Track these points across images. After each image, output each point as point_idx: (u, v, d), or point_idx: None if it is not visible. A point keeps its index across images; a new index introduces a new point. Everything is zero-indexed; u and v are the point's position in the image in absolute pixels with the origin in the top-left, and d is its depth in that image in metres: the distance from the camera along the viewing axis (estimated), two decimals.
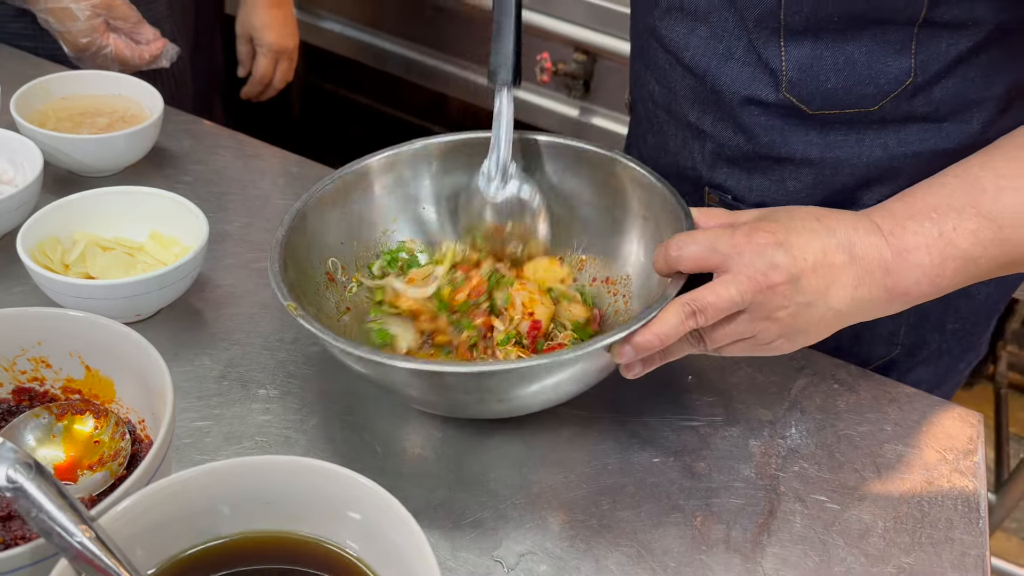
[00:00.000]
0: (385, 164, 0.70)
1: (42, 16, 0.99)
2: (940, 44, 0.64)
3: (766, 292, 0.54)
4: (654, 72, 0.78)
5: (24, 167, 0.75)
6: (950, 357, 0.89)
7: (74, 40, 0.99)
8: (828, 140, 0.71)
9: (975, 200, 0.56)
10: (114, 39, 1.01)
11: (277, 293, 0.57)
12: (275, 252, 0.59)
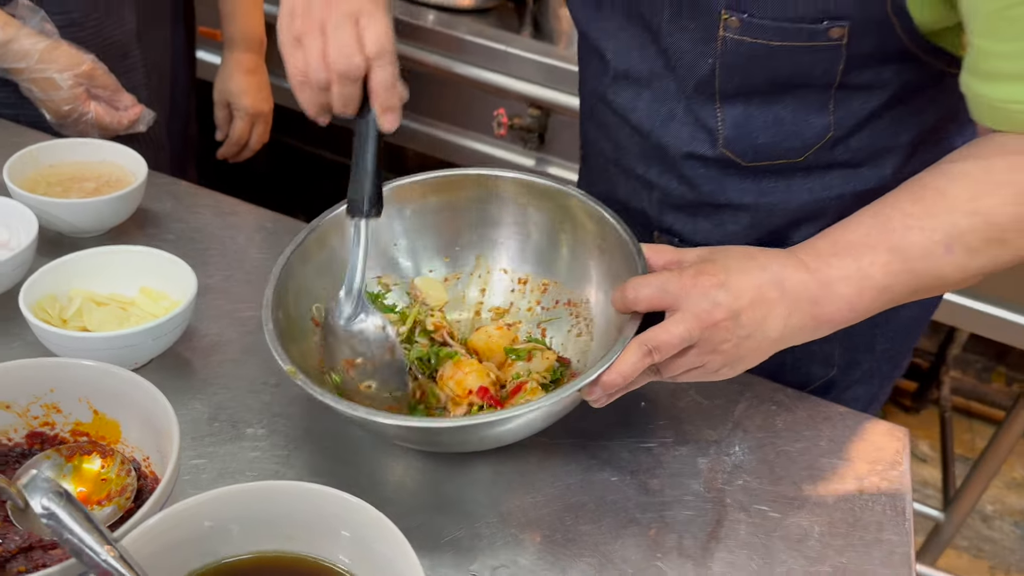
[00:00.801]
0: None
1: (25, 85, 1.05)
2: (854, 103, 0.73)
3: (711, 328, 0.62)
4: (604, 131, 0.86)
5: (19, 230, 0.80)
6: (881, 376, 0.97)
7: (56, 108, 1.05)
8: (761, 187, 0.79)
9: (886, 238, 0.64)
10: (94, 106, 1.07)
11: (278, 359, 0.62)
12: (267, 312, 0.65)
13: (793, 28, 0.65)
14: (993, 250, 0.64)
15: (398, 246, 0.80)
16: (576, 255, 0.78)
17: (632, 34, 0.77)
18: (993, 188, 0.64)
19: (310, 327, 0.72)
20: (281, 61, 0.68)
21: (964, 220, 0.63)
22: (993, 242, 0.64)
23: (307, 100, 0.67)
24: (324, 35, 0.65)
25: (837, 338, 0.89)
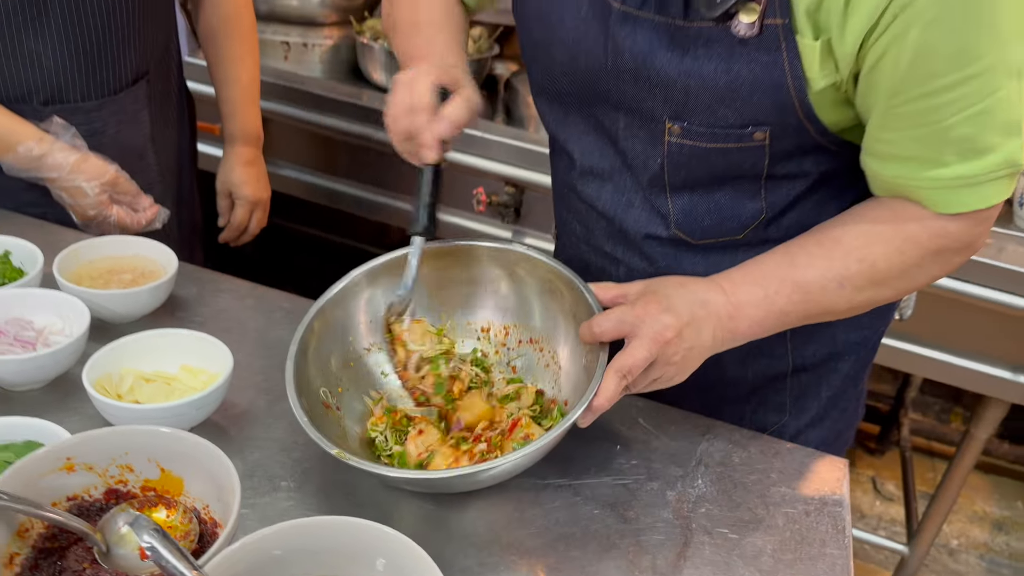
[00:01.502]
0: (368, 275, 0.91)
1: (56, 191, 1.17)
2: (782, 190, 0.88)
3: (664, 345, 0.77)
4: (575, 215, 1.01)
5: (71, 319, 0.92)
6: (831, 420, 1.10)
7: (83, 212, 1.17)
8: (710, 261, 0.94)
9: (791, 272, 0.81)
10: (116, 209, 1.18)
11: (321, 444, 0.75)
12: (294, 399, 0.78)
13: (723, 133, 0.80)
14: (875, 290, 0.82)
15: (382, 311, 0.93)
16: (537, 301, 0.92)
17: (594, 138, 0.92)
18: (879, 241, 0.81)
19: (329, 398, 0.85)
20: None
21: (855, 265, 0.80)
22: (876, 284, 0.81)
23: (408, 156, 0.88)
24: (414, 86, 0.85)
25: (787, 388, 1.04)
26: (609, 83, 0.84)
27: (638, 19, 0.80)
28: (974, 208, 0.79)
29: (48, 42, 1.13)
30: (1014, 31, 0.71)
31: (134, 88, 1.25)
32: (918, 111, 0.75)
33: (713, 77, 0.77)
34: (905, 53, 0.71)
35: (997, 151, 0.76)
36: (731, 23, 0.74)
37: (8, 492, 0.62)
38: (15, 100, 1.15)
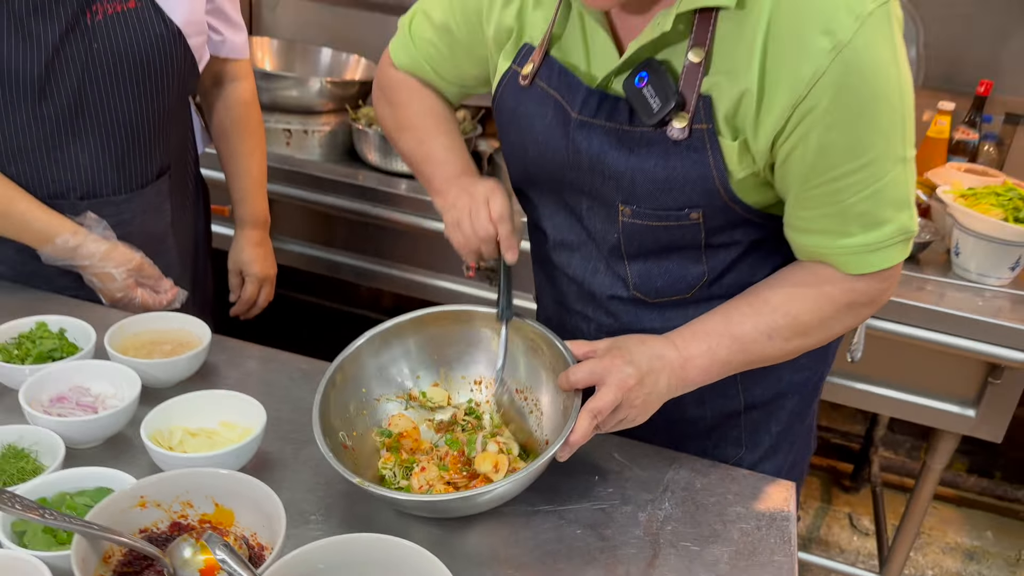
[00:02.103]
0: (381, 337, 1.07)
1: (88, 277, 1.32)
2: (719, 256, 1.05)
3: (628, 391, 0.93)
4: (550, 281, 1.18)
5: (121, 385, 1.07)
6: (783, 452, 1.26)
7: (111, 294, 1.33)
8: (665, 316, 1.10)
9: (729, 328, 0.99)
10: (140, 292, 1.34)
11: (345, 474, 0.90)
12: (320, 438, 0.93)
13: (665, 214, 0.98)
14: (800, 339, 0.99)
15: (400, 370, 1.09)
16: (522, 357, 1.08)
17: (563, 217, 1.10)
18: (801, 299, 0.98)
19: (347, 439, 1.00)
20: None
21: (781, 319, 0.97)
22: (800, 334, 0.98)
23: (468, 257, 1.10)
24: (471, 218, 1.04)
25: (741, 425, 1.20)
26: (572, 175, 1.02)
27: (592, 126, 0.98)
28: (878, 269, 0.96)
29: (85, 146, 1.30)
30: (894, 129, 0.89)
31: (158, 182, 1.42)
32: (824, 194, 0.92)
33: (654, 171, 0.95)
34: (809, 150, 0.89)
35: (892, 222, 0.94)
36: (666, 128, 0.92)
37: (98, 523, 0.76)
38: (54, 196, 1.30)
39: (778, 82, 0.87)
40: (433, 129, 1.19)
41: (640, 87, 0.93)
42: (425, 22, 1.18)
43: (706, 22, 0.89)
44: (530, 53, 1.04)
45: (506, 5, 1.06)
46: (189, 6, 1.30)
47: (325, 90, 2.18)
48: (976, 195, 1.83)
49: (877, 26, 0.84)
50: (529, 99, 1.04)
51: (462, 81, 1.21)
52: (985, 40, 2.26)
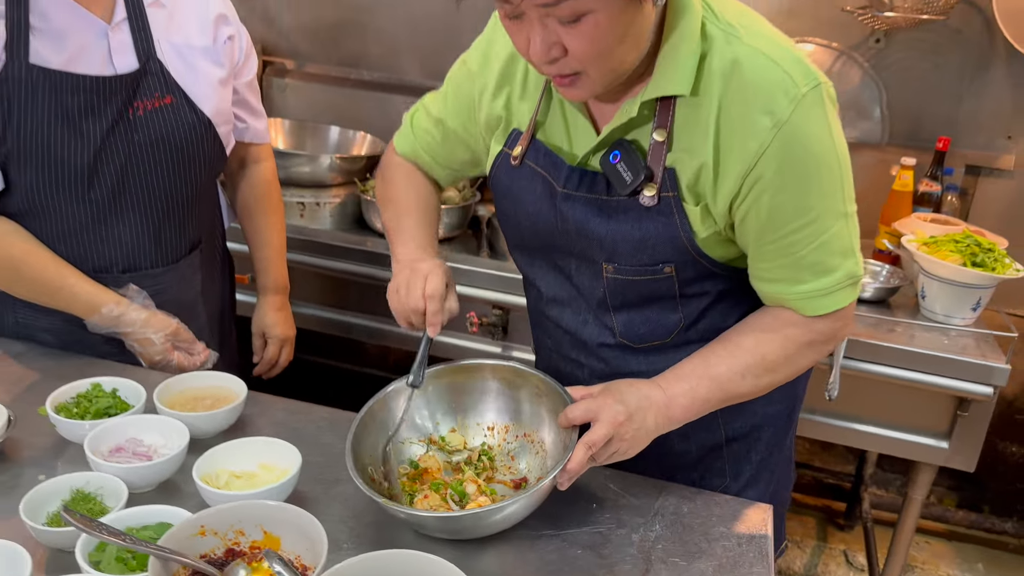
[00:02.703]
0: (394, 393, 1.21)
1: (129, 343, 1.46)
2: (692, 304, 1.20)
3: (618, 427, 1.06)
4: (546, 332, 1.33)
5: (170, 436, 1.20)
6: (763, 481, 1.39)
7: (150, 357, 1.47)
8: (649, 360, 1.25)
9: (706, 371, 1.12)
10: (176, 354, 1.49)
11: (375, 498, 1.03)
12: (353, 472, 1.06)
13: (643, 269, 1.13)
14: (770, 376, 1.13)
15: (421, 415, 1.23)
16: (527, 403, 1.22)
17: (554, 276, 1.26)
18: (767, 341, 1.13)
19: (375, 473, 1.13)
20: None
21: (751, 359, 1.11)
22: (769, 371, 1.12)
23: (401, 321, 1.23)
24: (407, 289, 1.19)
25: (724, 456, 1.33)
26: (561, 240, 1.18)
27: (576, 197, 1.14)
28: (831, 310, 1.12)
29: (127, 225, 1.45)
30: (833, 190, 1.05)
31: (190, 255, 1.58)
32: (779, 248, 1.08)
33: (631, 233, 1.11)
34: (762, 212, 1.06)
35: (840, 269, 1.09)
36: (639, 197, 1.09)
37: (168, 547, 0.90)
38: (99, 271, 1.45)
39: (730, 156, 1.04)
40: (411, 207, 1.36)
41: (614, 163, 1.10)
42: (424, 115, 1.37)
43: (667, 108, 1.06)
44: (519, 137, 1.21)
45: (495, 98, 1.23)
46: (218, 99, 1.47)
47: (334, 165, 2.36)
48: (937, 243, 1.99)
49: (810, 106, 1.01)
50: (520, 176, 1.21)
51: (453, 165, 1.39)
52: (942, 100, 2.45)
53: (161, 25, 1.41)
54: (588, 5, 0.92)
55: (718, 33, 1.03)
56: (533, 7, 0.93)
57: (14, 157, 1.33)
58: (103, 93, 1.34)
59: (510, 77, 1.22)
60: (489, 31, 1.26)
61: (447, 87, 1.33)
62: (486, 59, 1.24)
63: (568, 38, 0.95)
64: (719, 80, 1.03)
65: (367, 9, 2.77)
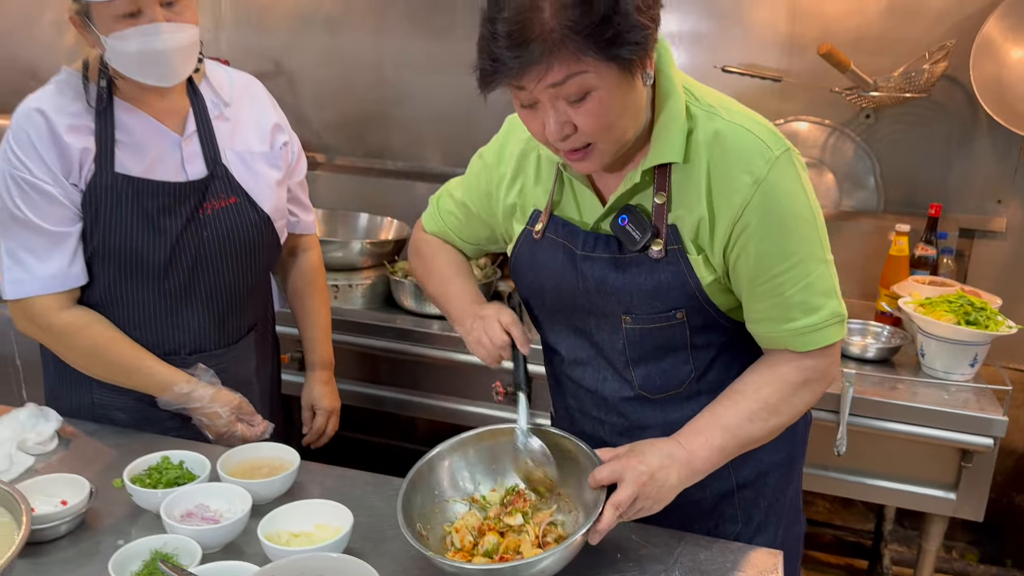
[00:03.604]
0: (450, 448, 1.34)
1: (197, 417, 1.62)
2: (701, 355, 1.35)
3: (642, 486, 1.18)
4: (568, 393, 1.47)
5: (234, 502, 1.34)
6: (773, 526, 1.50)
7: (217, 430, 1.62)
8: (664, 410, 1.38)
9: (717, 422, 1.26)
10: (240, 426, 1.64)
11: (423, 552, 1.15)
12: (404, 528, 1.19)
13: (658, 316, 1.28)
14: (776, 418, 1.27)
15: (463, 476, 1.36)
16: (560, 464, 1.33)
17: (574, 339, 1.41)
18: (765, 384, 1.27)
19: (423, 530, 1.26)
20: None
21: (755, 405, 1.25)
22: (773, 414, 1.26)
23: (492, 364, 1.39)
24: (487, 333, 1.35)
25: (735, 503, 1.45)
26: (582, 299, 1.34)
27: (593, 258, 1.31)
28: (820, 346, 1.26)
29: (195, 312, 1.62)
30: (811, 238, 1.23)
31: (247, 337, 1.74)
32: (768, 289, 1.24)
33: (644, 283, 1.27)
34: (750, 258, 1.22)
35: (825, 307, 1.25)
36: (648, 252, 1.26)
37: None
38: (169, 353, 1.62)
39: (721, 210, 1.21)
40: (453, 275, 1.54)
41: (623, 225, 1.27)
42: (449, 199, 1.57)
43: (663, 174, 1.25)
44: (538, 216, 1.39)
45: (511, 187, 1.42)
46: (275, 198, 1.66)
47: (365, 249, 2.53)
48: (932, 304, 2.12)
49: (784, 165, 1.20)
50: (542, 248, 1.38)
51: (477, 241, 1.58)
52: (933, 168, 2.61)
53: (226, 135, 1.61)
54: (591, 82, 1.08)
55: (700, 112, 1.23)
56: (544, 90, 1.10)
57: (99, 254, 1.51)
58: (178, 196, 1.53)
59: (524, 168, 1.41)
60: (503, 133, 1.47)
61: (468, 176, 1.53)
62: (502, 155, 1.44)
63: (577, 116, 1.12)
64: (705, 149, 1.21)
65: (390, 103, 3.00)
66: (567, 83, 1.08)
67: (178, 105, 1.58)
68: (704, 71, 2.68)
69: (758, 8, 2.65)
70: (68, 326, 1.54)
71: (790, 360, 1.27)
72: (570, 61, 1.06)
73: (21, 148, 1.47)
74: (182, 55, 1.47)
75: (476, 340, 1.39)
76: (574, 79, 1.07)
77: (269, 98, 1.74)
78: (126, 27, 1.41)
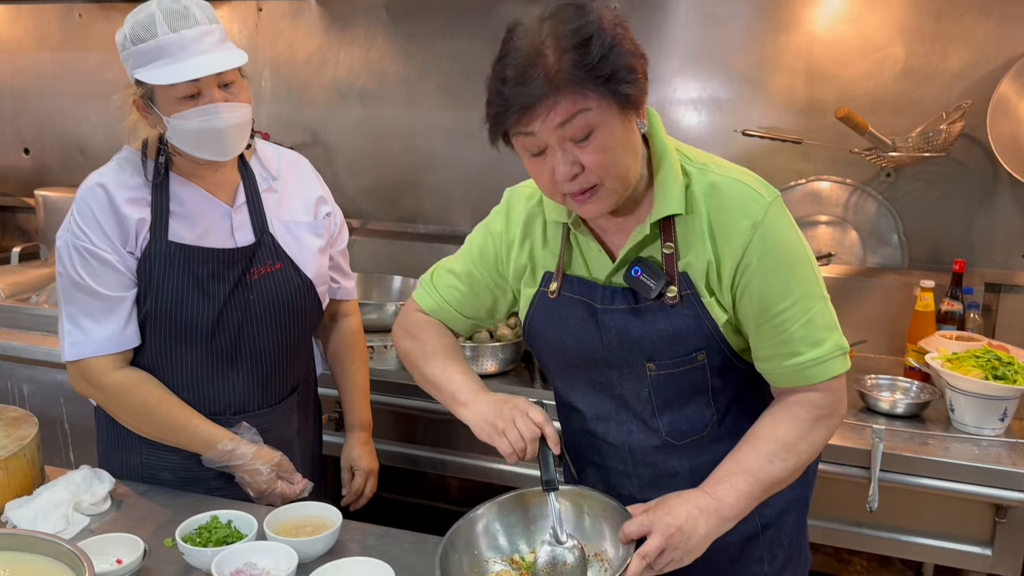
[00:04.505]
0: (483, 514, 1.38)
1: (239, 475, 1.68)
2: (721, 399, 1.39)
3: (670, 538, 1.21)
4: (591, 451, 1.51)
5: (280, 560, 1.38)
6: (794, 563, 1.53)
7: (258, 487, 1.68)
8: (689, 455, 1.42)
9: (740, 465, 1.29)
10: (280, 484, 1.70)
11: None
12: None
13: (680, 360, 1.33)
14: (795, 456, 1.31)
15: (501, 537, 1.40)
16: (591, 521, 1.37)
17: (596, 394, 1.45)
18: (780, 423, 1.32)
19: None
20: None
21: (773, 446, 1.30)
22: (792, 452, 1.30)
23: (511, 457, 1.35)
24: (516, 425, 1.35)
25: (761, 543, 1.47)
26: (603, 353, 1.39)
27: (613, 310, 1.37)
28: (827, 378, 1.31)
29: (239, 374, 1.70)
30: (808, 277, 1.30)
31: (290, 398, 1.81)
32: (772, 327, 1.30)
33: (664, 329, 1.33)
34: (753, 296, 1.29)
35: (828, 341, 1.31)
36: (664, 299, 1.32)
37: None
38: (215, 413, 1.69)
39: (724, 253, 1.29)
40: (452, 359, 1.54)
41: (637, 276, 1.34)
42: (447, 274, 1.60)
43: (668, 226, 1.33)
44: (551, 277, 1.45)
45: (520, 250, 1.49)
46: (318, 265, 1.75)
47: (399, 311, 2.60)
48: (959, 359, 2.14)
49: (777, 210, 1.29)
50: (560, 307, 1.44)
51: (476, 316, 1.61)
52: (956, 224, 2.66)
53: (273, 206, 1.71)
54: (594, 119, 1.17)
55: (693, 170, 1.33)
56: (552, 131, 1.18)
57: (152, 317, 1.60)
58: (226, 262, 1.62)
59: (531, 232, 1.48)
60: (505, 203, 1.53)
61: (470, 247, 1.58)
62: (508, 222, 1.51)
63: (584, 155, 1.19)
64: (703, 200, 1.30)
65: (421, 170, 3.11)
66: (573, 121, 1.16)
67: (229, 179, 1.69)
68: (724, 135, 2.76)
69: (776, 73, 2.74)
70: (120, 385, 1.63)
71: (800, 399, 1.33)
72: (574, 98, 1.15)
73: (84, 220, 1.58)
74: (237, 132, 1.58)
75: (499, 431, 1.35)
76: (579, 117, 1.16)
77: (315, 173, 1.85)
78: (187, 107, 1.52)
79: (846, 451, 2.01)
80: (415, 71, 3.12)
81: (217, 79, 1.53)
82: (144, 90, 1.55)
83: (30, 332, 2.73)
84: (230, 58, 1.53)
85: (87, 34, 3.59)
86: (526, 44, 1.16)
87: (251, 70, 3.22)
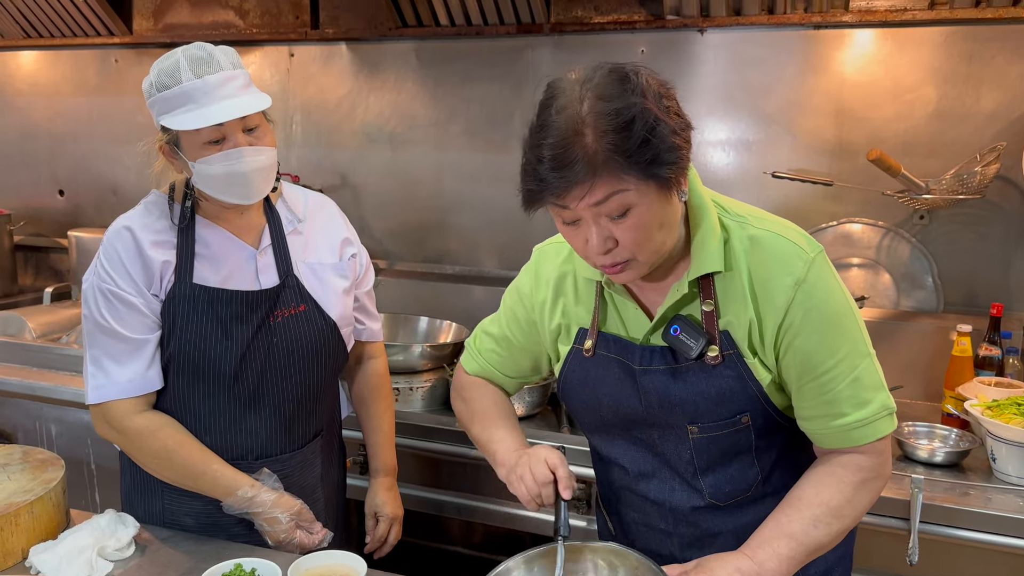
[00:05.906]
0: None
1: (258, 522, 1.65)
2: (765, 458, 1.35)
3: None
4: (633, 507, 1.47)
5: None
6: None
7: (276, 536, 1.65)
8: (732, 515, 1.38)
9: (782, 531, 1.24)
10: (299, 534, 1.67)
11: None
12: None
13: (723, 423, 1.29)
14: (839, 520, 1.26)
15: None
16: None
17: (637, 451, 1.41)
18: (824, 487, 1.27)
19: None
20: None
21: (818, 510, 1.25)
22: (836, 517, 1.26)
23: (530, 503, 1.33)
24: (531, 469, 1.32)
25: None
26: (643, 413, 1.35)
27: (652, 371, 1.33)
28: (873, 439, 1.27)
29: (262, 418, 1.68)
30: (854, 333, 1.25)
31: (313, 442, 1.79)
32: (816, 386, 1.26)
33: (707, 390, 1.29)
34: (797, 354, 1.25)
35: (875, 401, 1.26)
36: (705, 359, 1.28)
37: None
38: (236, 458, 1.67)
39: (767, 312, 1.25)
40: (496, 418, 1.55)
41: (676, 335, 1.30)
42: (486, 338, 1.60)
43: (708, 283, 1.29)
44: (585, 334, 1.42)
45: (553, 310, 1.46)
46: (342, 306, 1.74)
47: (425, 353, 2.59)
48: (1000, 406, 2.08)
49: (820, 265, 1.24)
50: (595, 366, 1.40)
51: (519, 374, 1.61)
52: (992, 267, 2.60)
53: (298, 248, 1.71)
54: (631, 200, 1.13)
55: (732, 223, 1.28)
56: (586, 208, 1.15)
57: (175, 360, 1.60)
58: (250, 304, 1.62)
59: (563, 291, 1.45)
60: (534, 262, 1.51)
61: (504, 311, 1.57)
62: (537, 281, 1.49)
63: (618, 231, 1.17)
64: (743, 255, 1.26)
65: (447, 211, 3.12)
66: (609, 201, 1.14)
67: (254, 222, 1.69)
68: (754, 176, 2.74)
69: (806, 115, 2.72)
70: (142, 429, 1.62)
71: (845, 461, 1.28)
72: (612, 181, 1.12)
73: (110, 263, 1.59)
74: (262, 176, 1.59)
75: (517, 478, 1.35)
76: (615, 197, 1.13)
77: (341, 216, 1.85)
78: (212, 152, 1.53)
79: (885, 501, 1.94)
80: (443, 115, 3.15)
81: (241, 123, 1.54)
82: (170, 136, 1.56)
83: (59, 372, 2.75)
84: (254, 102, 1.54)
85: (123, 79, 3.67)
86: (564, 121, 1.12)
87: (282, 114, 3.30)
